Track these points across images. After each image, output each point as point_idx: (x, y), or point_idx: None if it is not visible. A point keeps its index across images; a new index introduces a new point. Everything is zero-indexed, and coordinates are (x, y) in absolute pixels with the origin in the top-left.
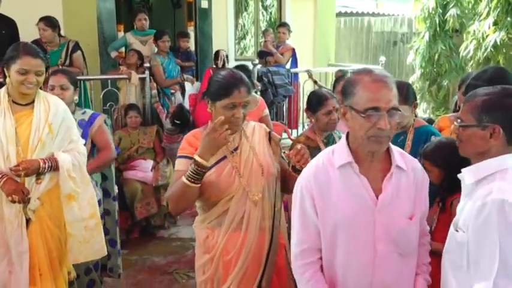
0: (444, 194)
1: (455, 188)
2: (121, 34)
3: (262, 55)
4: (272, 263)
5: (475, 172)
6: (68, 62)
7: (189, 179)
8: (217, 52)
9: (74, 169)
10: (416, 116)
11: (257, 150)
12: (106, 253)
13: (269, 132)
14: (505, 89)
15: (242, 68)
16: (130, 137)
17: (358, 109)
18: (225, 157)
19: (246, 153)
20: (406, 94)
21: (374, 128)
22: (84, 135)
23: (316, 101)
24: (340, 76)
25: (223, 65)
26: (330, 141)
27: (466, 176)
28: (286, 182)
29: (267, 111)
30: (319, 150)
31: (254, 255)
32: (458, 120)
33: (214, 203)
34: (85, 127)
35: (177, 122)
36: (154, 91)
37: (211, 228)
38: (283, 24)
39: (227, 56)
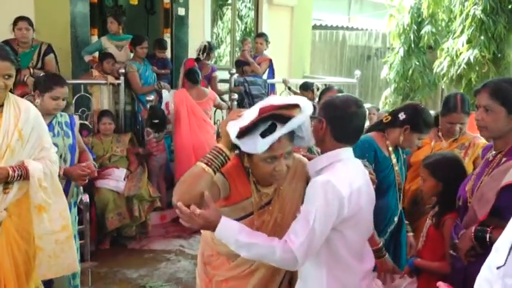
0: (441, 210)
1: (450, 205)
2: (95, 38)
3: (239, 64)
4: None
5: (315, 164)
6: (39, 64)
7: (208, 162)
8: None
9: (45, 178)
10: None
11: (290, 203)
12: (78, 268)
13: (307, 173)
14: (347, 97)
15: None
16: (103, 145)
17: None
18: (251, 214)
19: (275, 212)
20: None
21: None
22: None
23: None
24: (327, 88)
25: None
26: (312, 152)
27: (310, 167)
28: None
29: (217, 97)
30: None
31: None
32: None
33: None
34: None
35: (155, 121)
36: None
37: (218, 253)
38: (261, 35)
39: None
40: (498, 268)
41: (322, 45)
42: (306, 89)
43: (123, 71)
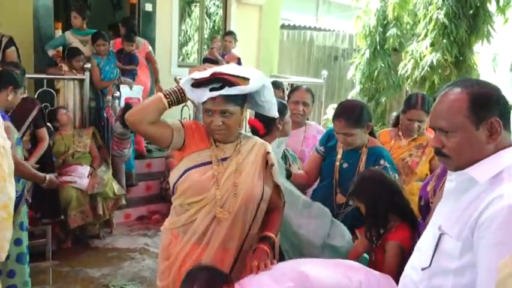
0: (371, 228)
1: (381, 224)
2: (59, 32)
3: (207, 62)
4: None
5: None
6: (0, 58)
7: (166, 95)
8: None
9: (4, 152)
10: (374, 135)
11: (247, 169)
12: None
13: (267, 153)
14: None
15: None
16: (64, 140)
17: None
18: (210, 162)
19: (232, 168)
20: (359, 118)
21: None
22: None
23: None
24: (295, 87)
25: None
26: (283, 155)
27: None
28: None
29: (150, 48)
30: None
31: None
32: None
33: (187, 208)
34: None
35: None
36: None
37: (176, 235)
38: (230, 33)
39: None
40: (423, 269)
41: (290, 45)
42: (277, 87)
43: (88, 66)
